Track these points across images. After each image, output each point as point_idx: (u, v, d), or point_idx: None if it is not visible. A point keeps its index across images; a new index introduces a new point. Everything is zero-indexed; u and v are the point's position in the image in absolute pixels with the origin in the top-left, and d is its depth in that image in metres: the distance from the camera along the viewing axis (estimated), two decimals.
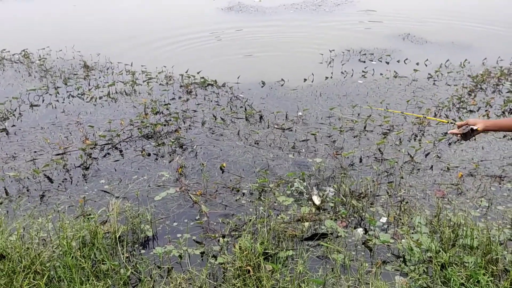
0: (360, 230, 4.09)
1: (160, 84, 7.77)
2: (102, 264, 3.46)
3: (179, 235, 3.98)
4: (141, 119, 6.22)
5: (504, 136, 5.81)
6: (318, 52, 9.14)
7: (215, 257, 3.69)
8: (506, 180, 4.83)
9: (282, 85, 7.76)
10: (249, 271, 3.24)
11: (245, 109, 6.71)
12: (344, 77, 8.15)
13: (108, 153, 5.46)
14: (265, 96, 7.27)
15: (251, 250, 3.53)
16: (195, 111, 6.67)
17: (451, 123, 3.63)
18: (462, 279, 3.19)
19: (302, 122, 6.32)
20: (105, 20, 12.77)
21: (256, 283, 3.16)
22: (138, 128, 5.99)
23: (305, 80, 7.92)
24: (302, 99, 7.18)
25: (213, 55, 9.44)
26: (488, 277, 3.16)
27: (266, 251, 3.65)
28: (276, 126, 6.15)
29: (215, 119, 6.36)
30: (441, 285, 3.26)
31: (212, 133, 5.97)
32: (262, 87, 7.69)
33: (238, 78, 7.80)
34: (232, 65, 8.88)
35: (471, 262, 3.46)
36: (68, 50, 9.38)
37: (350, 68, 8.46)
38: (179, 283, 3.27)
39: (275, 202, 4.47)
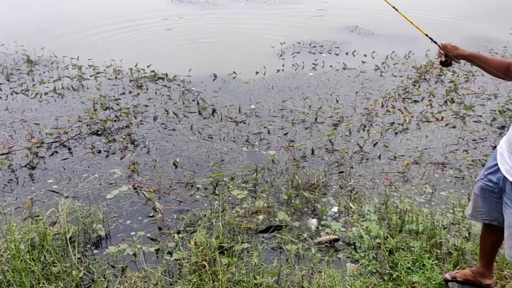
0: (314, 221, 4.20)
1: (108, 78, 7.57)
2: (53, 266, 3.37)
3: (133, 233, 3.93)
4: (90, 115, 6.05)
5: (447, 125, 6.11)
6: (269, 45, 9.20)
7: (170, 253, 3.68)
8: (448, 167, 5.09)
9: (234, 78, 7.77)
10: (204, 266, 3.26)
11: (198, 102, 6.68)
12: (295, 70, 8.26)
13: (56, 152, 5.28)
14: (217, 89, 7.26)
15: (207, 245, 3.55)
16: (146, 106, 6.56)
17: (430, 38, 3.30)
18: (408, 263, 3.35)
19: (255, 115, 6.37)
20: (46, 11, 12.24)
21: (212, 277, 3.19)
22: (87, 125, 5.82)
23: (257, 73, 7.96)
24: (255, 92, 7.22)
25: (162, 48, 9.28)
26: (433, 260, 3.34)
27: (221, 245, 3.68)
28: (229, 120, 6.16)
29: (167, 114, 6.29)
30: (389, 270, 3.41)
31: (165, 128, 5.90)
32: (214, 80, 7.67)
33: (189, 71, 7.73)
34: (183, 57, 8.78)
35: (417, 247, 3.64)
36: (10, 44, 8.93)
37: (301, 61, 8.58)
38: (134, 281, 3.24)
39: (229, 196, 4.50)
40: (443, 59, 2.82)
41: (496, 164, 2.46)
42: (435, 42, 2.94)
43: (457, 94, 7.06)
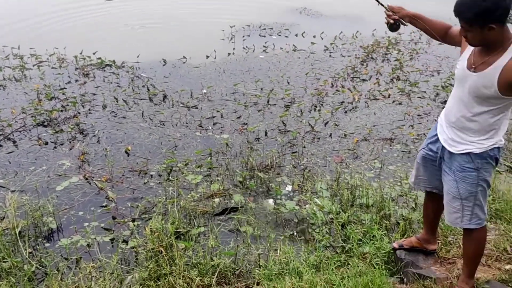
0: (271, 201, 4.27)
1: (52, 67, 7.27)
2: (3, 262, 3.26)
3: (86, 224, 3.85)
4: (35, 106, 5.81)
5: (393, 102, 6.32)
6: (219, 28, 9.12)
7: (126, 242, 3.64)
8: (395, 142, 5.29)
9: (184, 62, 7.67)
10: (161, 252, 3.26)
11: (148, 89, 6.56)
12: (246, 53, 8.25)
13: (0, 145, 5.06)
14: (167, 74, 7.15)
15: (163, 231, 3.54)
16: (94, 94, 6.37)
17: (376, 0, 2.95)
18: (359, 235, 3.48)
19: (207, 99, 6.34)
20: None
21: (169, 262, 3.19)
22: (32, 116, 5.60)
23: (207, 57, 7.89)
24: (206, 76, 7.17)
25: (108, 33, 8.98)
26: (382, 231, 3.49)
27: (178, 230, 3.67)
28: (181, 105, 6.10)
29: (117, 102, 6.14)
30: (342, 243, 3.54)
31: (115, 116, 5.77)
32: (164, 65, 7.53)
33: (138, 57, 7.55)
34: (130, 43, 8.54)
35: (368, 219, 3.79)
36: None
37: (251, 43, 8.57)
38: (89, 272, 3.19)
39: (184, 182, 4.49)
40: (392, 21, 2.73)
41: (436, 134, 2.58)
42: (382, 4, 2.85)
43: (403, 72, 7.30)
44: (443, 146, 2.50)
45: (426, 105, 6.23)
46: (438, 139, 2.55)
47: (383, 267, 2.97)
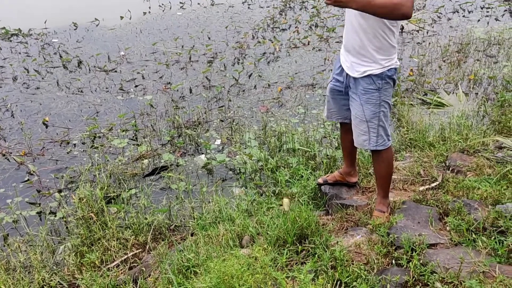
0: (202, 156, 4.28)
1: None
2: None
3: (9, 201, 3.67)
4: None
5: (313, 48, 6.45)
6: None
7: (54, 213, 3.53)
8: (317, 87, 5.45)
9: (97, 25, 7.29)
10: (92, 218, 3.20)
11: (61, 56, 6.20)
12: (163, 11, 7.98)
13: None
14: (80, 39, 6.77)
15: (92, 197, 3.46)
16: (1, 67, 5.93)
17: None
18: (287, 176, 3.62)
19: (126, 61, 6.11)
20: None
21: (102, 227, 3.15)
22: None
23: (122, 17, 7.55)
24: (122, 37, 6.88)
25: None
26: (308, 170, 3.64)
27: (108, 195, 3.62)
28: (98, 70, 5.84)
29: (28, 72, 5.76)
30: (272, 187, 3.66)
31: (27, 88, 5.43)
32: (75, 29, 7.12)
33: (45, 22, 7.06)
34: (35, 8, 7.93)
35: (295, 162, 3.93)
36: None
37: (167, 1, 8.29)
38: (18, 247, 3.08)
39: (110, 147, 4.38)
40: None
41: (341, 66, 2.70)
42: None
43: (320, 19, 7.43)
44: (347, 74, 2.62)
45: None
46: (343, 69, 2.67)
47: (310, 203, 3.12)
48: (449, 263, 2.21)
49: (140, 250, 3.00)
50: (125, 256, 2.90)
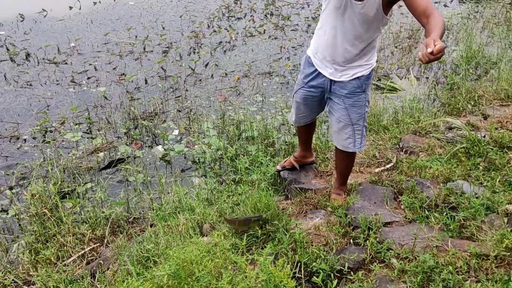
0: (159, 147, 4.21)
1: None
2: None
3: None
4: None
5: (269, 37, 6.46)
6: None
7: (5, 211, 3.39)
8: (274, 75, 5.46)
9: (45, 16, 6.99)
10: (45, 214, 3.10)
11: (7, 48, 5.92)
12: (114, 0, 7.75)
13: None
14: (28, 30, 6.48)
15: (45, 193, 3.35)
16: None
17: None
18: (246, 163, 3.63)
19: (77, 53, 5.91)
20: None
21: (56, 223, 3.05)
22: None
23: (71, 8, 7.27)
24: (72, 28, 6.64)
25: None
26: (267, 157, 3.66)
27: (62, 190, 3.50)
28: (48, 62, 5.62)
29: None
30: (232, 174, 3.66)
31: None
32: (22, 21, 6.80)
33: None
34: None
35: (254, 150, 3.94)
36: None
37: None
38: None
39: (63, 141, 4.23)
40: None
41: (316, 71, 2.54)
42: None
43: (275, 7, 7.44)
44: (330, 80, 2.49)
45: (299, 37, 6.46)
46: (318, 74, 2.53)
47: (270, 188, 3.14)
48: (404, 240, 2.28)
49: (98, 244, 2.93)
50: (82, 251, 2.83)
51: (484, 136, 3.31)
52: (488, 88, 4.36)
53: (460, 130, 3.51)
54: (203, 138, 4.29)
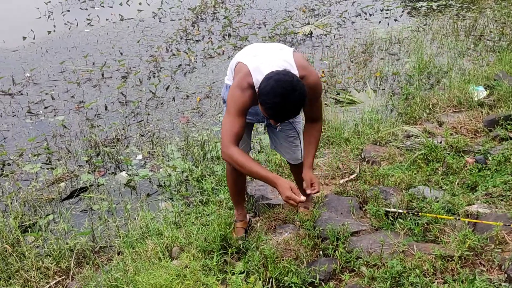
0: (123, 173, 4.14)
1: None
2: None
3: None
4: None
5: (228, 57, 6.51)
6: (32, 6, 8.24)
7: None
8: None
9: None
10: (6, 250, 2.97)
11: None
12: (69, 28, 7.66)
13: None
14: None
15: (5, 228, 3.22)
16: None
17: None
18: (213, 183, 3.62)
19: (32, 83, 5.78)
20: None
21: (19, 258, 2.93)
22: None
23: (24, 38, 7.13)
24: (27, 58, 6.50)
25: None
26: None
27: (23, 224, 3.38)
28: (2, 93, 5.46)
29: None
30: (199, 195, 3.64)
31: None
32: None
33: None
34: None
35: (220, 169, 3.93)
36: None
37: (73, 18, 7.95)
38: None
39: (22, 173, 4.10)
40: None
41: None
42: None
43: (232, 28, 7.53)
44: None
45: None
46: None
47: None
48: (372, 247, 2.32)
49: (64, 277, 2.83)
50: (47, 286, 2.73)
51: (441, 142, 3.44)
52: (441, 96, 4.55)
53: (418, 138, 3.64)
54: (168, 161, 4.26)
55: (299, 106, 2.06)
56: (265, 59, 2.18)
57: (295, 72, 2.15)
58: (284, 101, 2.00)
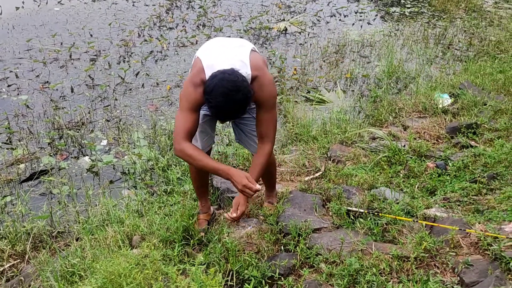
0: (86, 158, 4.05)
1: None
2: None
3: None
4: None
5: None
6: None
7: None
8: None
9: None
10: None
11: None
12: (38, 6, 7.41)
13: None
14: None
15: None
16: None
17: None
18: (179, 174, 3.59)
19: None
20: None
21: None
22: None
23: None
24: None
25: None
26: None
27: None
28: None
29: None
30: (164, 185, 3.60)
31: None
32: None
33: None
34: None
35: None
36: None
37: None
38: None
39: None
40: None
41: None
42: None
43: (207, 18, 7.47)
44: None
45: None
46: None
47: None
48: (332, 245, 2.36)
49: (19, 260, 2.75)
50: (1, 268, 2.64)
51: (404, 146, 3.53)
52: (407, 101, 4.66)
53: (383, 140, 3.72)
54: (133, 148, 4.19)
55: (242, 107, 2.07)
56: (220, 56, 2.16)
57: (248, 72, 2.14)
58: (226, 101, 2.00)
